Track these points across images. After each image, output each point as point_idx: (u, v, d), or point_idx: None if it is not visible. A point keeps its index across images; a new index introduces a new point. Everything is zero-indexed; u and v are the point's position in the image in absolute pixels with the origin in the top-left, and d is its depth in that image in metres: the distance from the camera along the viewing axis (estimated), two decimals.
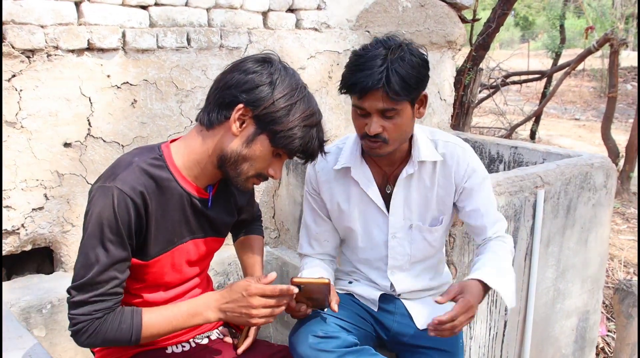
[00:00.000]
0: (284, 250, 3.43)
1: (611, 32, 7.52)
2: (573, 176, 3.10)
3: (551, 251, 3.08)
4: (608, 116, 7.69)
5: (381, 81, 1.80)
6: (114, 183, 1.60)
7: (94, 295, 1.60)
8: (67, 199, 2.85)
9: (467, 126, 6.79)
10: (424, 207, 2.09)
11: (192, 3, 3.08)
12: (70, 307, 1.62)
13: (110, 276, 1.61)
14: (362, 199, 2.10)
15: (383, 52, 1.85)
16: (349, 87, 1.89)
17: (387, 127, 1.89)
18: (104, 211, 1.58)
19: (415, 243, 2.12)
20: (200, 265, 1.93)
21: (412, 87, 1.85)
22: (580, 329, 3.50)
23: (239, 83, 1.64)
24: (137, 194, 1.62)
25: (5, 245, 2.76)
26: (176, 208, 1.73)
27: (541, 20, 24.52)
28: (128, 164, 1.66)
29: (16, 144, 2.68)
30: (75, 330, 1.61)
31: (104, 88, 2.87)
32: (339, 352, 1.91)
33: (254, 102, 1.63)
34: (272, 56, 1.72)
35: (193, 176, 1.75)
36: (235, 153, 1.67)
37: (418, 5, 3.95)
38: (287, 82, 1.66)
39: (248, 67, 1.66)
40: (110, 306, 1.63)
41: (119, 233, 1.60)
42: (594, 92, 17.00)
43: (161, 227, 1.71)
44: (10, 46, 2.58)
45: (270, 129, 1.65)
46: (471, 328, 2.74)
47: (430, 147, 2.05)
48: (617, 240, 5.70)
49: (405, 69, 1.82)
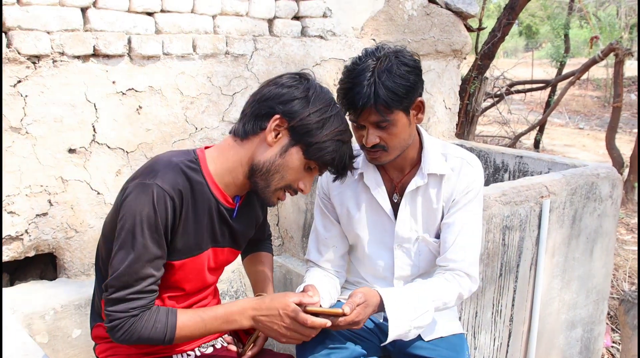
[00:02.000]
0: (288, 258, 3.42)
1: (616, 42, 7.52)
2: (579, 186, 3.09)
3: (556, 262, 3.07)
4: (613, 126, 7.68)
5: (370, 97, 1.82)
6: (154, 180, 1.63)
7: (131, 292, 1.63)
8: (71, 205, 2.85)
9: (471, 134, 6.78)
10: (430, 220, 2.08)
11: (198, 10, 3.09)
12: (107, 304, 1.65)
13: (148, 273, 1.64)
14: (371, 205, 2.10)
15: (371, 65, 1.86)
16: (342, 106, 1.89)
17: (383, 137, 1.91)
18: (144, 208, 1.61)
19: (422, 255, 2.12)
20: (217, 274, 1.94)
21: (402, 97, 1.86)
22: (585, 340, 3.48)
23: (276, 95, 1.70)
24: (176, 193, 1.65)
25: (8, 250, 2.75)
26: (205, 213, 1.76)
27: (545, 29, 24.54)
28: (168, 162, 1.70)
29: (21, 149, 2.68)
30: (112, 326, 1.64)
31: (109, 94, 2.87)
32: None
33: (290, 113, 1.68)
34: (308, 73, 1.78)
35: (224, 184, 1.78)
36: (268, 162, 1.71)
37: (424, 13, 3.95)
38: (321, 98, 1.71)
39: (285, 82, 1.72)
40: (146, 304, 1.66)
41: (158, 231, 1.63)
42: (597, 102, 17.00)
43: (190, 230, 1.73)
44: (17, 52, 2.59)
45: (304, 140, 1.69)
46: (476, 338, 2.73)
47: (440, 160, 2.05)
48: (622, 251, 5.68)
49: (393, 80, 1.83)
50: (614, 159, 7.55)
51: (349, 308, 1.78)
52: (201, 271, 1.83)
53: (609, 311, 4.36)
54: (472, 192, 2.04)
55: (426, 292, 1.95)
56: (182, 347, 1.89)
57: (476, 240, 2.07)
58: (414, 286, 1.98)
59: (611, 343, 4.19)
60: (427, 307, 1.92)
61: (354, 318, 1.79)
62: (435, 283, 1.99)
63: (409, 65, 1.88)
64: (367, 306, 1.84)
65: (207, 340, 1.96)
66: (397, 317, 1.86)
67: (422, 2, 3.93)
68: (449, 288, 1.99)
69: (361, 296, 1.83)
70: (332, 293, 2.13)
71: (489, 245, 2.66)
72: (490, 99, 8.51)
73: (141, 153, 2.99)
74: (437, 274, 2.05)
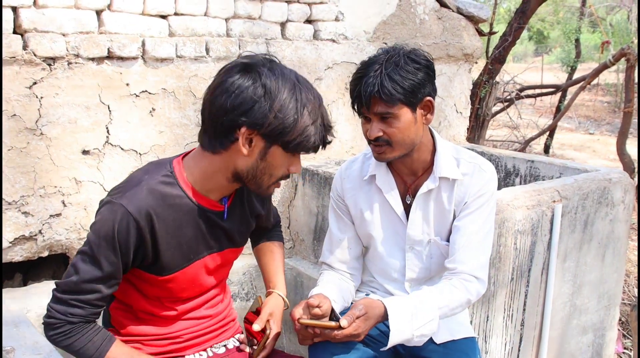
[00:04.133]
0: (299, 261, 3.43)
1: (627, 47, 7.48)
2: (591, 191, 3.08)
3: (568, 267, 3.06)
4: (623, 131, 7.63)
5: (376, 86, 1.87)
6: (121, 200, 1.61)
7: (74, 299, 1.63)
8: (84, 206, 2.87)
9: (482, 139, 6.78)
10: (442, 223, 2.09)
11: (211, 13, 3.10)
12: (51, 300, 1.67)
13: (95, 288, 1.63)
14: (384, 207, 2.12)
15: (382, 58, 1.91)
16: (352, 96, 1.95)
17: (386, 131, 1.93)
18: (105, 226, 1.60)
19: (434, 258, 2.12)
20: (219, 275, 1.93)
21: (407, 91, 1.88)
22: (597, 346, 3.47)
23: (234, 107, 1.54)
24: (142, 215, 1.61)
25: (22, 250, 2.77)
26: (189, 224, 1.72)
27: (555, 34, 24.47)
28: (137, 182, 1.65)
29: (35, 150, 2.70)
30: (48, 322, 1.66)
31: (123, 96, 2.89)
32: None
33: (256, 123, 1.55)
34: (253, 60, 1.61)
35: (206, 191, 1.72)
36: (252, 169, 1.64)
37: (435, 17, 3.95)
38: (281, 85, 1.56)
39: (237, 85, 1.55)
40: (86, 315, 1.65)
41: (115, 251, 1.61)
42: (608, 107, 16.94)
43: (174, 244, 1.70)
44: (32, 54, 2.61)
45: (281, 140, 1.59)
46: (487, 342, 2.73)
47: (453, 164, 2.06)
48: (632, 256, 5.65)
49: (399, 73, 1.87)
50: (625, 164, 7.51)
51: (347, 321, 1.80)
52: (196, 279, 1.82)
53: (621, 317, 4.33)
54: (484, 196, 2.05)
55: (432, 300, 1.94)
56: (194, 347, 1.90)
57: (486, 243, 2.07)
58: (421, 294, 1.97)
59: (622, 349, 4.17)
60: (432, 315, 1.91)
61: (352, 332, 1.81)
62: (443, 290, 1.98)
63: (418, 62, 1.91)
64: (368, 318, 1.85)
65: (219, 340, 1.97)
66: (399, 328, 1.86)
67: (433, 6, 3.93)
68: (457, 295, 1.99)
69: (362, 308, 1.84)
70: (346, 297, 2.14)
71: (501, 249, 2.66)
72: (500, 103, 8.49)
73: (154, 154, 3.01)
74: (445, 279, 2.04)
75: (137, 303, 1.82)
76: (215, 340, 1.96)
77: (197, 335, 1.91)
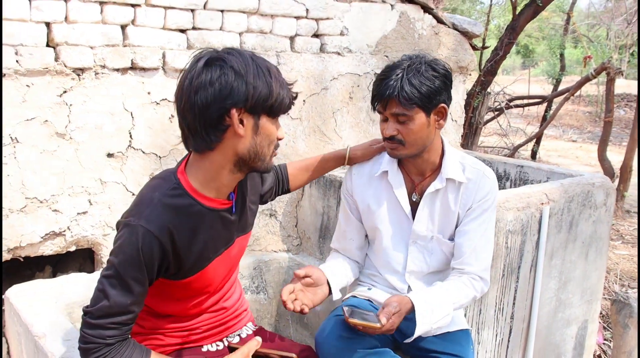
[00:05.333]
0: (305, 257, 3.42)
1: (608, 61, 7.48)
2: (576, 194, 3.07)
3: (554, 264, 3.05)
4: (604, 139, 7.62)
5: (395, 89, 1.88)
6: (140, 221, 1.55)
7: (110, 322, 1.56)
8: (108, 205, 2.87)
9: (475, 145, 6.76)
10: (446, 222, 2.09)
11: (226, 27, 3.10)
12: (84, 326, 1.58)
13: (128, 309, 1.58)
14: (391, 202, 2.12)
15: (405, 64, 1.93)
16: (373, 96, 1.98)
17: (401, 130, 1.95)
18: (129, 248, 1.54)
19: (435, 254, 2.12)
20: (234, 266, 1.92)
21: (424, 96, 1.89)
22: (579, 337, 3.46)
23: (215, 97, 1.51)
24: (163, 232, 1.57)
25: (52, 245, 2.77)
26: (205, 227, 1.68)
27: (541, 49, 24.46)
28: (150, 201, 1.60)
29: (65, 153, 2.70)
30: (86, 348, 1.58)
31: (145, 104, 2.89)
32: (362, 353, 1.91)
33: (240, 101, 1.52)
34: (208, 53, 1.57)
35: (214, 192, 1.68)
36: (252, 148, 1.60)
37: (433, 33, 3.94)
38: (244, 62, 1.54)
39: (209, 79, 1.51)
40: (121, 334, 1.59)
41: (141, 270, 1.56)
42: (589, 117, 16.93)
43: (194, 250, 1.67)
44: (63, 65, 2.61)
45: (265, 108, 1.57)
46: (479, 334, 2.72)
47: (459, 168, 2.06)
48: (612, 255, 5.64)
49: (418, 79, 1.88)
50: (606, 169, 7.49)
51: (385, 318, 1.81)
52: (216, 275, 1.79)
53: (602, 311, 4.32)
54: (488, 202, 2.06)
55: (449, 297, 1.98)
56: (211, 337, 1.89)
57: (490, 246, 2.09)
58: (439, 292, 1.99)
59: (603, 340, 4.15)
60: (448, 310, 1.96)
61: (389, 327, 1.83)
62: (456, 288, 2.02)
63: (437, 71, 1.92)
64: (401, 314, 1.87)
65: (234, 330, 1.96)
66: (423, 322, 1.89)
67: (431, 23, 3.92)
68: (466, 292, 2.04)
69: (396, 305, 1.86)
70: (349, 275, 2.20)
71: (494, 247, 2.64)
72: (491, 112, 8.48)
73: (172, 157, 3.00)
74: (455, 277, 2.06)
75: (158, 306, 1.80)
76: (230, 330, 1.94)
77: (214, 327, 1.90)
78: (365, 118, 3.72)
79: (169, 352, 1.83)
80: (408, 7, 3.78)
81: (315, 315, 3.20)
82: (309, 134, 3.47)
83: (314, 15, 3.39)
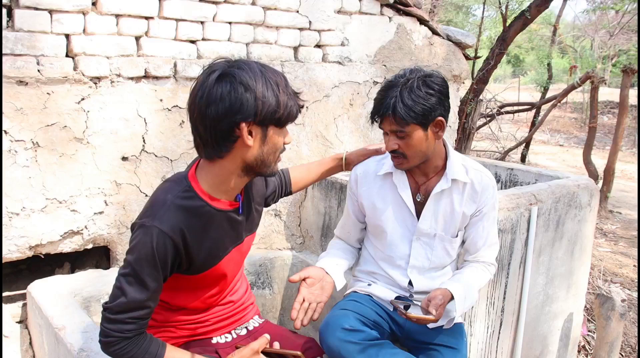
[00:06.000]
0: (308, 254, 3.43)
1: (592, 71, 7.49)
2: (562, 195, 3.07)
3: (542, 261, 3.05)
4: (589, 144, 7.63)
5: (389, 108, 1.88)
6: (154, 222, 1.56)
7: (128, 317, 1.58)
8: (123, 205, 2.88)
9: (467, 149, 6.76)
10: (449, 221, 2.10)
11: (234, 39, 3.11)
12: (104, 321, 1.60)
13: (144, 305, 1.59)
14: (396, 202, 2.12)
15: (400, 82, 1.91)
16: (372, 114, 1.98)
17: (401, 145, 1.95)
18: (145, 248, 1.55)
19: (436, 250, 2.12)
20: (241, 263, 1.93)
21: (418, 115, 1.88)
22: (565, 329, 3.46)
23: (226, 111, 1.50)
24: (175, 232, 1.58)
25: (70, 243, 2.78)
26: (214, 227, 1.69)
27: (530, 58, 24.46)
28: (163, 203, 1.60)
29: (82, 157, 2.71)
30: (106, 341, 1.60)
31: (157, 110, 2.90)
32: (363, 344, 1.91)
33: (250, 115, 1.52)
34: (219, 67, 1.55)
35: (223, 193, 1.68)
36: (259, 156, 1.61)
37: (428, 43, 3.95)
38: (253, 76, 1.53)
39: (220, 93, 1.51)
40: (138, 328, 1.61)
41: (156, 268, 1.57)
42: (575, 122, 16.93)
43: (204, 248, 1.67)
44: (81, 74, 2.62)
45: (273, 120, 1.56)
46: (472, 327, 2.72)
47: (462, 170, 2.08)
48: (596, 252, 5.64)
49: (412, 99, 1.87)
50: (590, 172, 7.50)
51: (435, 309, 1.87)
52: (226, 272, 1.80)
53: (586, 305, 4.32)
54: (493, 199, 2.12)
55: (475, 284, 2.08)
56: (220, 330, 1.90)
57: (496, 238, 2.21)
58: (468, 280, 2.07)
59: (587, 332, 4.15)
60: (475, 296, 2.08)
61: (438, 317, 1.88)
62: (477, 275, 2.12)
63: (432, 88, 1.90)
64: (444, 305, 1.93)
65: (241, 323, 1.96)
66: (459, 310, 1.98)
67: (426, 34, 3.93)
68: (485, 277, 2.16)
69: (441, 298, 1.92)
70: (349, 258, 2.28)
71: None
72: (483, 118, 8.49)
73: (183, 161, 3.01)
74: (473, 265, 2.16)
75: (171, 299, 1.81)
76: (237, 323, 1.95)
77: (223, 319, 1.91)
78: (364, 124, 3.73)
79: (180, 344, 1.84)
80: (405, 19, 3.80)
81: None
82: (312, 139, 3.48)
83: (316, 27, 3.40)
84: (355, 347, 1.89)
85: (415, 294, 2.15)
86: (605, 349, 3.54)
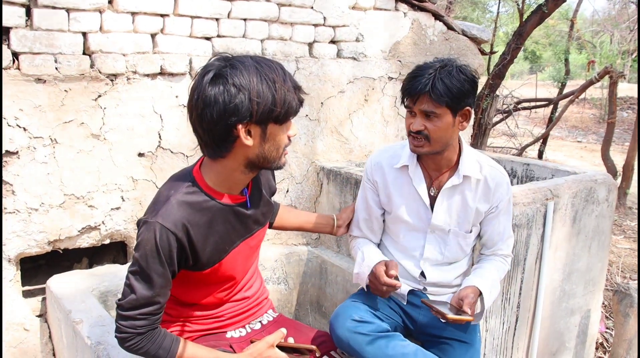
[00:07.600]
0: (323, 250, 3.43)
1: (610, 66, 7.38)
2: (579, 190, 3.04)
3: (559, 256, 3.02)
4: (607, 140, 7.53)
5: (427, 86, 1.87)
6: (156, 218, 1.56)
7: (139, 313, 1.59)
8: (139, 201, 2.90)
9: (484, 145, 6.72)
10: (463, 216, 2.09)
11: (248, 35, 3.12)
12: (118, 317, 1.62)
13: (154, 301, 1.60)
14: (412, 194, 2.10)
15: (437, 65, 1.92)
16: (404, 91, 1.96)
17: (428, 126, 1.93)
18: (148, 244, 1.56)
19: (450, 246, 2.11)
20: (253, 257, 1.93)
21: (454, 96, 1.88)
22: (583, 326, 3.42)
23: (220, 113, 1.48)
24: (178, 227, 1.57)
25: (88, 238, 2.81)
26: (220, 221, 1.68)
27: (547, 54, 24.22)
28: (166, 199, 1.60)
29: (100, 153, 2.73)
30: (121, 337, 1.62)
31: (173, 107, 2.91)
32: (373, 336, 1.90)
33: (246, 115, 1.49)
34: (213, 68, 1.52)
35: (227, 189, 1.68)
36: (261, 153, 1.59)
37: (443, 39, 3.93)
38: (247, 75, 1.49)
39: (213, 96, 1.47)
40: (151, 323, 1.62)
41: (162, 264, 1.57)
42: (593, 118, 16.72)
43: (210, 243, 1.67)
44: (98, 71, 2.64)
45: (272, 117, 1.53)
46: (487, 322, 2.70)
47: (476, 167, 2.06)
48: (615, 248, 5.57)
49: (450, 80, 1.88)
50: (609, 168, 7.40)
51: (469, 308, 1.92)
52: (235, 266, 1.80)
53: (604, 301, 4.28)
54: (508, 195, 2.12)
55: (496, 277, 2.13)
56: (234, 324, 1.90)
57: (511, 231, 2.23)
58: (490, 275, 2.11)
59: (605, 329, 4.10)
60: (498, 289, 2.13)
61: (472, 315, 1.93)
62: (497, 268, 2.16)
63: (467, 75, 1.92)
64: (475, 302, 1.98)
65: (255, 317, 1.97)
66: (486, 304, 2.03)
67: (441, 29, 3.91)
68: (504, 269, 2.20)
69: (472, 296, 1.98)
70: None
71: None
72: (499, 114, 8.42)
73: (198, 157, 2.98)
74: (491, 258, 2.20)
75: (183, 296, 1.81)
76: (252, 318, 1.95)
77: (237, 314, 1.91)
78: (379, 120, 3.71)
79: (195, 338, 1.85)
80: (420, 14, 3.77)
81: (332, 303, 3.21)
82: (327, 134, 3.48)
83: (331, 22, 3.40)
84: (365, 338, 1.89)
85: (427, 286, 2.14)
86: (624, 346, 3.49)
